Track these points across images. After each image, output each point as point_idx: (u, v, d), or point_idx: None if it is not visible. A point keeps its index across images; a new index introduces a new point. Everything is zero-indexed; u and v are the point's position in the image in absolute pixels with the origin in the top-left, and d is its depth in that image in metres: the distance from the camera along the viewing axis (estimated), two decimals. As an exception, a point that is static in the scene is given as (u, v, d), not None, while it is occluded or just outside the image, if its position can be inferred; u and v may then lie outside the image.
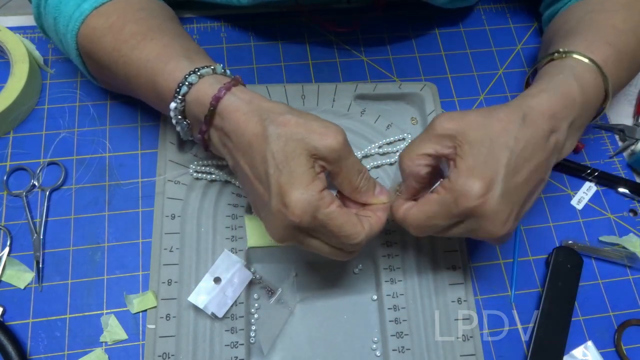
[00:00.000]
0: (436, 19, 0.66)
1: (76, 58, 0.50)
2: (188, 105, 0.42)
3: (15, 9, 1.46)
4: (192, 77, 0.42)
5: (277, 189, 0.38)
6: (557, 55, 0.48)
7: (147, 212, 0.52)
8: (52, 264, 0.50)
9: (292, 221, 0.38)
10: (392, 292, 0.49)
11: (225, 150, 0.43)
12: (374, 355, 0.49)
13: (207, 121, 0.41)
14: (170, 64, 0.43)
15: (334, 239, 0.40)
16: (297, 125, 0.39)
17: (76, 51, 0.49)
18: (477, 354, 0.48)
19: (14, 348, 0.45)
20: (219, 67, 0.43)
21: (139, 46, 0.45)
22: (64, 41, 0.49)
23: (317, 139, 0.38)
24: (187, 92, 0.42)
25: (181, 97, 0.42)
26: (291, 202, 0.37)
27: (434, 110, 0.57)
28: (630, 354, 0.50)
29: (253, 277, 0.49)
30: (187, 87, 0.42)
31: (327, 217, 0.38)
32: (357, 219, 0.40)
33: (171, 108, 0.42)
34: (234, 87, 0.41)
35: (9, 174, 0.53)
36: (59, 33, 0.49)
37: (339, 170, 0.40)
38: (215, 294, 0.47)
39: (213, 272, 0.48)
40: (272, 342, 0.48)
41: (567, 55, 0.47)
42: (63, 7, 0.48)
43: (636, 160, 0.58)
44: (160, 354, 0.46)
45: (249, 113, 0.40)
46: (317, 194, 0.38)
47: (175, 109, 0.42)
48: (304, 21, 0.64)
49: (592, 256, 0.54)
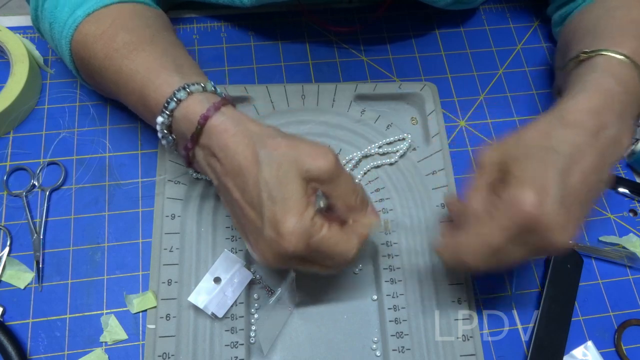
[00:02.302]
0: (436, 19, 0.66)
1: (70, 64, 0.50)
2: (175, 120, 0.42)
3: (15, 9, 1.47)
4: (181, 93, 0.41)
5: (271, 218, 0.38)
6: (583, 55, 0.46)
7: (147, 212, 0.52)
8: (52, 264, 0.50)
9: (286, 249, 0.38)
10: (392, 292, 0.49)
11: (209, 170, 0.42)
12: (374, 355, 0.49)
13: (193, 139, 0.41)
14: (160, 78, 0.43)
15: (327, 260, 0.40)
16: (288, 147, 0.38)
17: (70, 57, 0.49)
18: (477, 354, 0.48)
19: (14, 348, 0.45)
20: (209, 84, 0.43)
21: (130, 56, 0.44)
22: (58, 46, 0.50)
23: (309, 161, 0.38)
24: (175, 107, 0.41)
25: (169, 113, 0.41)
26: (286, 231, 0.37)
27: (434, 110, 0.57)
28: (630, 354, 0.50)
29: (253, 277, 0.49)
30: (175, 103, 0.41)
31: (320, 242, 0.38)
32: (346, 235, 0.40)
33: (158, 122, 0.42)
34: (223, 106, 0.41)
35: (9, 174, 0.53)
36: (54, 39, 0.49)
37: (332, 191, 0.39)
38: (215, 294, 0.47)
39: (213, 272, 0.48)
40: (272, 342, 0.48)
41: (595, 53, 0.46)
42: (58, 13, 0.48)
43: (636, 160, 0.58)
44: (160, 354, 0.46)
45: (237, 134, 0.39)
46: (310, 222, 0.38)
47: (162, 123, 0.42)
48: (304, 21, 0.64)
49: (592, 256, 0.54)
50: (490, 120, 0.61)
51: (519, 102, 0.62)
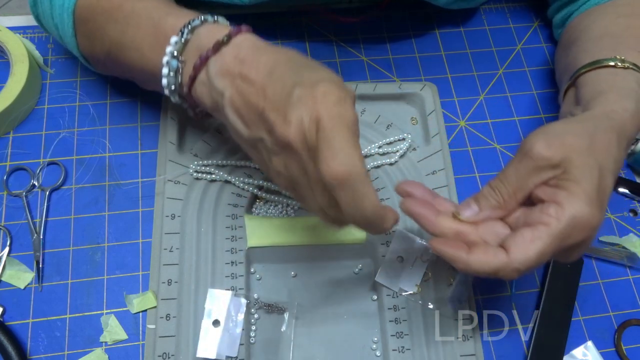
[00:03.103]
0: (436, 19, 0.66)
1: (71, 39, 0.49)
2: (194, 37, 0.40)
3: (15, 9, 1.47)
4: (208, 16, 0.41)
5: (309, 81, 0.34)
6: (619, 64, 0.47)
7: (147, 212, 0.52)
8: (52, 264, 0.50)
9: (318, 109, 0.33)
10: (392, 292, 0.49)
11: (219, 87, 0.38)
12: (374, 355, 0.49)
13: (215, 47, 0.39)
14: (183, 10, 0.43)
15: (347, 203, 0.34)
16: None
17: (72, 30, 0.48)
18: (477, 354, 0.48)
19: (14, 348, 0.45)
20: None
21: (143, 0, 0.45)
22: (59, 24, 0.49)
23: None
24: (198, 24, 0.40)
25: (190, 28, 0.40)
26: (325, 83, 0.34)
27: (434, 110, 0.57)
28: (630, 354, 0.50)
29: (248, 301, 0.48)
30: (199, 21, 0.41)
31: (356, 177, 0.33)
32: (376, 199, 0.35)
33: (171, 42, 0.40)
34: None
35: (9, 174, 0.53)
36: (55, 17, 0.49)
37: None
38: (220, 338, 0.46)
39: (208, 315, 0.46)
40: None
41: (628, 66, 0.46)
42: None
43: (636, 160, 0.58)
44: (160, 354, 0.46)
45: (270, 46, 0.38)
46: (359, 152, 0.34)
47: (175, 43, 0.40)
48: (304, 21, 0.64)
49: (592, 256, 0.54)
50: (490, 120, 0.61)
51: (519, 102, 0.62)
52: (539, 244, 0.36)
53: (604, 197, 0.38)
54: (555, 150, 0.38)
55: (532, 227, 0.37)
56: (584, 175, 0.37)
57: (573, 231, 0.36)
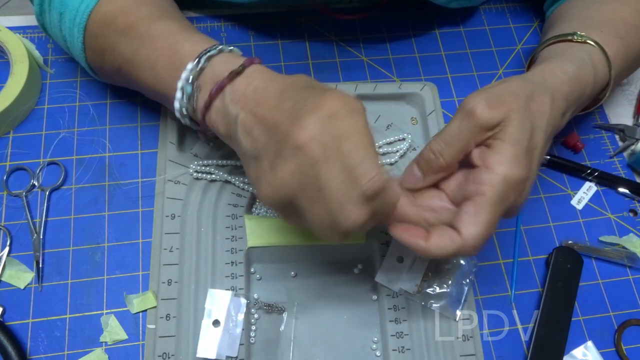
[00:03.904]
0: (436, 19, 0.66)
1: (80, 53, 0.49)
2: (210, 66, 0.42)
3: (15, 9, 1.47)
4: (224, 46, 0.42)
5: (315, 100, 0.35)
6: (576, 37, 0.48)
7: (147, 212, 0.52)
8: (52, 264, 0.50)
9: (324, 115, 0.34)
10: (392, 292, 0.49)
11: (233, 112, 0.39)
12: (374, 355, 0.49)
13: (231, 76, 0.40)
14: (198, 35, 0.44)
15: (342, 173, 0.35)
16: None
17: (82, 45, 0.48)
18: (477, 354, 0.48)
19: (14, 348, 0.45)
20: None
21: (159, 22, 0.46)
22: (68, 37, 0.49)
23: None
24: (215, 54, 0.42)
25: (207, 57, 0.41)
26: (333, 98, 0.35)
27: (434, 110, 0.57)
28: (630, 354, 0.50)
29: (248, 301, 0.48)
30: (216, 50, 0.42)
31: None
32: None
33: (187, 68, 0.42)
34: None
35: (9, 174, 0.53)
36: (63, 29, 0.49)
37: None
38: (220, 338, 0.46)
39: (208, 315, 0.46)
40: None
41: (585, 40, 0.48)
42: (69, 1, 0.48)
43: (636, 160, 0.58)
44: (160, 354, 0.46)
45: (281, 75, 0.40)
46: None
47: (191, 70, 0.41)
48: (303, 21, 0.64)
49: (592, 256, 0.54)
50: (490, 120, 0.60)
51: (519, 102, 0.62)
52: (484, 215, 0.37)
53: (533, 155, 0.39)
54: (497, 110, 0.38)
55: (471, 200, 0.38)
56: (516, 134, 0.38)
57: (508, 192, 0.37)
